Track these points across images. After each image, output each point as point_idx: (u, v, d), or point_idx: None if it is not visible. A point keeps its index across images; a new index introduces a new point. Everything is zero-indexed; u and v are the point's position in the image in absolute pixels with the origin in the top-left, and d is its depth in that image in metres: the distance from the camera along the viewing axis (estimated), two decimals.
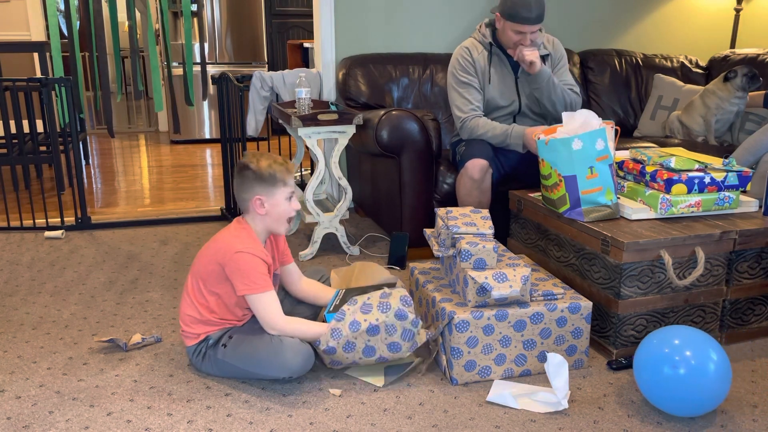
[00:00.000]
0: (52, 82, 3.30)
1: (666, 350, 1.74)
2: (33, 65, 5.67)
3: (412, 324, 1.90)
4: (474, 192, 2.67)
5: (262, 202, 1.94)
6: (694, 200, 2.19)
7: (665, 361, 1.73)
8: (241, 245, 1.92)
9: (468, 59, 2.78)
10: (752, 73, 3.36)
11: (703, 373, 1.70)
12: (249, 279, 1.90)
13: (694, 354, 1.72)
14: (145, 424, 1.76)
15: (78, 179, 3.40)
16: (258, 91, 3.57)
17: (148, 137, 6.36)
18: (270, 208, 1.95)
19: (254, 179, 1.93)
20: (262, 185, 1.94)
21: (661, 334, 1.80)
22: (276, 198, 1.95)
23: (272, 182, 1.94)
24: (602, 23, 4.14)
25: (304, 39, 6.35)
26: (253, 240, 1.96)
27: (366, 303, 1.91)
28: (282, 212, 1.97)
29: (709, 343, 1.74)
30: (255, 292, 1.91)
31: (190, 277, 2.02)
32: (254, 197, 1.94)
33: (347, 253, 3.08)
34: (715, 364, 1.71)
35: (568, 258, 2.30)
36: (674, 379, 1.72)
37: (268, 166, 1.93)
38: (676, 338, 1.76)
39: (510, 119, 2.85)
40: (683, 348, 1.73)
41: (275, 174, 1.94)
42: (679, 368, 1.71)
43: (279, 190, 1.95)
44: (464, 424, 1.77)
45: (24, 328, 2.32)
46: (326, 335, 1.90)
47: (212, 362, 1.97)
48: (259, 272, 1.91)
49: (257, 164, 1.93)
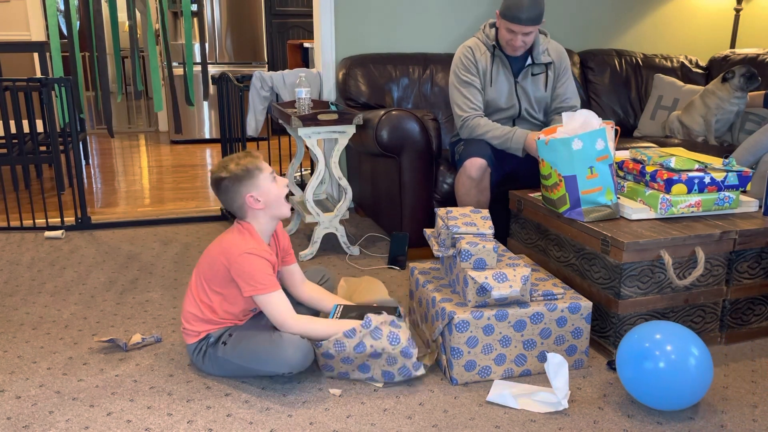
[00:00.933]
0: (52, 82, 3.30)
1: (646, 345, 1.77)
2: (33, 65, 5.67)
3: (414, 367, 1.93)
4: (472, 191, 2.66)
5: (255, 196, 1.95)
6: (694, 200, 2.19)
7: (645, 356, 1.76)
8: (245, 246, 1.92)
9: (470, 59, 2.78)
10: (750, 73, 3.35)
11: (683, 367, 1.73)
12: (254, 280, 1.91)
13: (674, 348, 1.75)
14: (145, 424, 1.76)
15: (78, 179, 3.40)
16: (258, 91, 3.57)
17: (148, 137, 6.36)
18: (264, 197, 1.96)
19: (235, 183, 1.94)
20: (244, 183, 1.94)
21: (642, 330, 1.84)
22: (262, 186, 1.96)
23: (250, 175, 1.94)
24: (602, 23, 4.14)
25: (304, 39, 6.35)
26: (256, 240, 1.96)
27: (377, 328, 1.91)
28: (275, 195, 1.98)
29: (689, 338, 1.78)
30: (262, 292, 1.92)
31: (195, 276, 2.02)
32: (245, 197, 1.94)
33: (347, 253, 3.08)
34: (693, 357, 1.74)
35: (568, 258, 2.30)
36: (653, 371, 1.75)
37: (237, 164, 1.94)
38: (658, 333, 1.79)
39: (509, 123, 2.85)
40: (664, 342, 1.76)
41: (248, 166, 1.94)
42: (658, 361, 1.74)
43: (260, 178, 1.95)
44: (464, 424, 1.77)
45: (24, 328, 2.32)
46: (330, 342, 1.90)
47: (213, 360, 1.98)
48: (265, 272, 1.92)
49: (228, 170, 1.94)
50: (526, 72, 2.80)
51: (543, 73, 2.81)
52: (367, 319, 1.89)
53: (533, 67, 2.80)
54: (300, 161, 3.42)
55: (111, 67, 8.47)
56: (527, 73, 2.80)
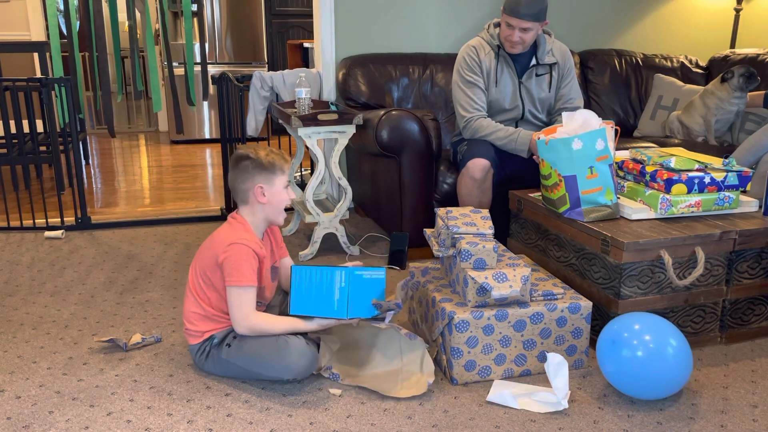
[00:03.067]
0: (52, 82, 3.30)
1: (625, 335, 1.83)
2: (33, 65, 5.67)
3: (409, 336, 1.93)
4: (475, 192, 2.66)
5: (263, 190, 1.96)
6: (694, 200, 2.19)
7: (623, 345, 1.82)
8: (235, 236, 1.93)
9: (475, 59, 2.77)
10: (749, 72, 3.35)
11: (661, 356, 1.79)
12: (237, 270, 1.90)
13: (653, 338, 1.80)
14: (145, 424, 1.76)
15: (78, 179, 3.40)
16: (258, 91, 3.57)
17: (148, 137, 6.36)
18: (270, 196, 1.98)
19: (254, 168, 1.95)
20: (262, 173, 1.96)
21: (621, 320, 1.89)
22: (276, 186, 1.98)
23: (272, 170, 1.96)
24: (602, 23, 4.14)
25: (304, 39, 6.34)
26: (248, 232, 1.97)
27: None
28: (281, 200, 2.00)
29: (668, 329, 1.83)
30: (236, 284, 1.90)
31: (191, 274, 2.02)
32: (255, 186, 1.96)
33: (347, 253, 3.08)
34: (671, 347, 1.80)
35: (568, 258, 2.30)
36: (632, 360, 1.80)
37: (267, 155, 1.97)
38: (637, 323, 1.85)
39: (512, 124, 2.84)
40: (642, 332, 1.82)
41: (274, 162, 1.97)
42: (635, 350, 1.80)
43: (278, 178, 1.98)
44: (464, 424, 1.77)
45: (24, 328, 2.32)
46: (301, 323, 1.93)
47: (216, 362, 1.97)
48: (249, 264, 1.91)
49: (256, 154, 1.96)
50: (530, 73, 2.79)
51: (547, 74, 2.81)
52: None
53: (537, 68, 2.79)
54: (300, 161, 3.42)
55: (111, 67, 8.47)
56: (531, 74, 2.79)
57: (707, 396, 1.92)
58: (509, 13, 2.61)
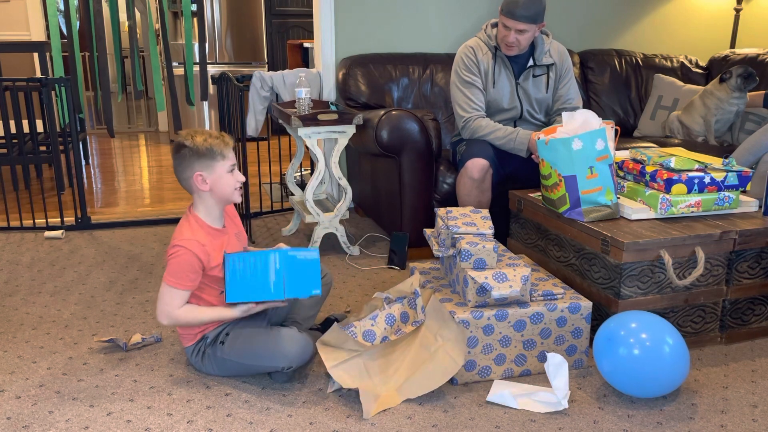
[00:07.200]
0: (52, 82, 3.30)
1: (622, 332, 1.84)
2: (33, 65, 5.67)
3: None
4: (474, 191, 2.66)
5: (204, 177, 1.90)
6: (694, 200, 2.19)
7: (620, 343, 1.83)
8: (180, 237, 1.90)
9: (472, 59, 2.77)
10: (747, 72, 3.35)
11: (657, 354, 1.79)
12: (175, 273, 1.88)
13: (649, 336, 1.81)
14: (145, 424, 1.76)
15: (78, 179, 3.40)
16: (258, 91, 3.57)
17: (148, 137, 6.36)
18: (212, 183, 1.92)
19: (192, 156, 1.89)
20: (201, 161, 1.89)
21: (618, 318, 1.90)
22: (217, 172, 1.91)
23: (211, 156, 1.90)
24: (602, 23, 4.14)
25: (304, 39, 6.34)
26: (194, 231, 1.92)
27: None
28: (225, 185, 1.93)
29: (665, 327, 1.84)
30: (174, 286, 1.88)
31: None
32: (194, 174, 1.90)
33: (347, 253, 3.08)
34: (667, 345, 1.80)
35: (568, 258, 2.30)
36: (628, 358, 1.81)
37: (204, 141, 1.89)
38: (633, 321, 1.86)
39: (511, 124, 2.84)
40: (639, 330, 1.83)
41: (212, 148, 1.90)
42: (632, 348, 1.81)
43: (218, 163, 1.91)
44: (464, 424, 1.77)
45: (24, 328, 2.32)
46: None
47: (212, 361, 1.97)
48: (187, 271, 1.88)
49: (192, 141, 1.89)
50: (527, 73, 2.79)
51: (544, 75, 2.81)
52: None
53: (535, 69, 2.79)
54: (300, 161, 3.42)
55: (111, 67, 8.47)
56: (528, 75, 2.79)
57: (707, 396, 1.92)
58: (506, 14, 2.61)
